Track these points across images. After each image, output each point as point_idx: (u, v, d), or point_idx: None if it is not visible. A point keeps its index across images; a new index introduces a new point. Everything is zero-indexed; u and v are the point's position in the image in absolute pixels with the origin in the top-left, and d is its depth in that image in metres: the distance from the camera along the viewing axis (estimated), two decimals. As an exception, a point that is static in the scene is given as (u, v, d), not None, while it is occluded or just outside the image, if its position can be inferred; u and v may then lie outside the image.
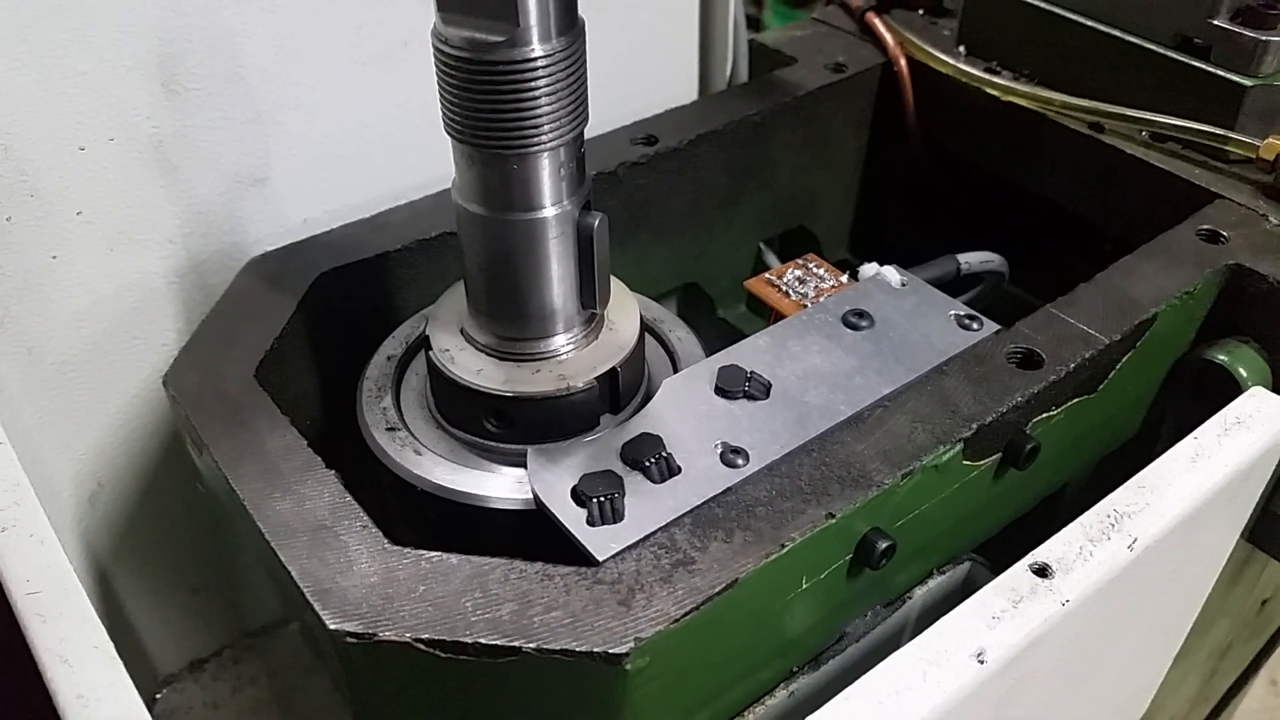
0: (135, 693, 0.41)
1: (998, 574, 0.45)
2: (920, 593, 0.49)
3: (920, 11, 0.78)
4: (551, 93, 0.40)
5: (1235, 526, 0.57)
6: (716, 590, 0.39)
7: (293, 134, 0.61)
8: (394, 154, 0.65)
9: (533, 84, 0.40)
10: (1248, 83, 0.60)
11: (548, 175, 0.43)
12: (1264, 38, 0.59)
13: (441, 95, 0.41)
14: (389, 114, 0.64)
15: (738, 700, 0.44)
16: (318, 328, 0.55)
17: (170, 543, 0.69)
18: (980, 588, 0.47)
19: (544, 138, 0.41)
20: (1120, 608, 0.48)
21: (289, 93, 0.60)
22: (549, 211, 0.43)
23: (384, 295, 0.57)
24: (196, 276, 0.61)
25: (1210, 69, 0.61)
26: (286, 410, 0.47)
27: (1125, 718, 0.65)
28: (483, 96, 0.40)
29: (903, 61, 0.73)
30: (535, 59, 0.39)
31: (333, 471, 0.44)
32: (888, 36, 0.74)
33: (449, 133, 0.42)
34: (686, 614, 0.38)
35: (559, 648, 0.37)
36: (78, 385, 0.60)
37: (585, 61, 0.42)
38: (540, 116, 0.41)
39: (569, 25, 0.40)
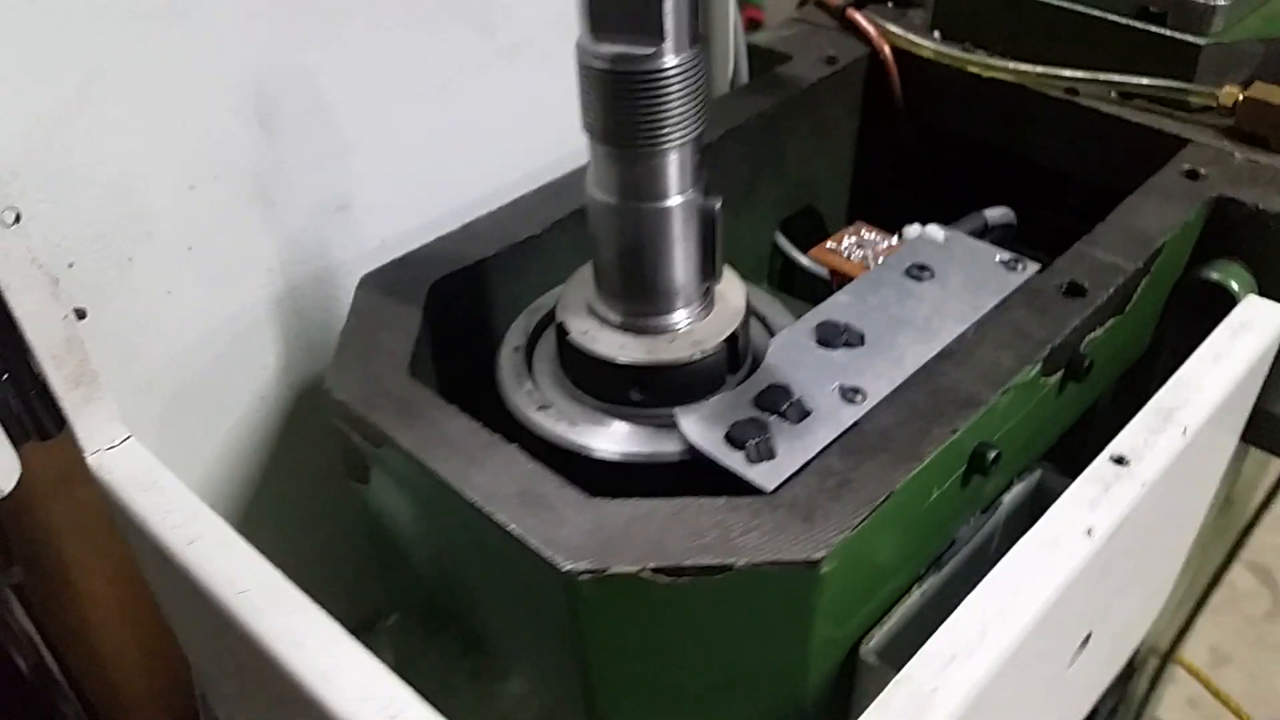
0: (376, 660, 0.46)
1: (1064, 476, 0.53)
2: (1008, 499, 0.57)
3: (889, 4, 0.87)
4: (684, 95, 0.47)
5: (1239, 423, 0.67)
6: (879, 501, 0.46)
7: (369, 162, 0.66)
8: (456, 173, 0.70)
9: (671, 89, 0.46)
10: (1202, 41, 0.70)
11: (680, 168, 0.49)
12: (1211, 2, 0.69)
13: (585, 103, 0.47)
14: (452, 137, 0.69)
15: (884, 601, 0.51)
16: (436, 332, 0.60)
17: (277, 559, 0.72)
18: (1052, 490, 0.55)
19: (678, 135, 0.48)
20: (1176, 489, 0.56)
21: (365, 124, 0.65)
22: (680, 199, 0.50)
23: (483, 297, 0.63)
24: (292, 301, 0.66)
25: (1168, 33, 0.71)
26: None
27: (1155, 598, 0.74)
28: (628, 103, 0.46)
29: (887, 50, 0.81)
30: (673, 67, 0.46)
31: (514, 444, 0.49)
32: (870, 28, 0.82)
33: (590, 135, 0.48)
34: (860, 521, 0.45)
35: (766, 560, 0.43)
36: (190, 413, 0.64)
37: (708, 67, 0.48)
38: (676, 117, 0.47)
39: (696, 37, 0.47)
